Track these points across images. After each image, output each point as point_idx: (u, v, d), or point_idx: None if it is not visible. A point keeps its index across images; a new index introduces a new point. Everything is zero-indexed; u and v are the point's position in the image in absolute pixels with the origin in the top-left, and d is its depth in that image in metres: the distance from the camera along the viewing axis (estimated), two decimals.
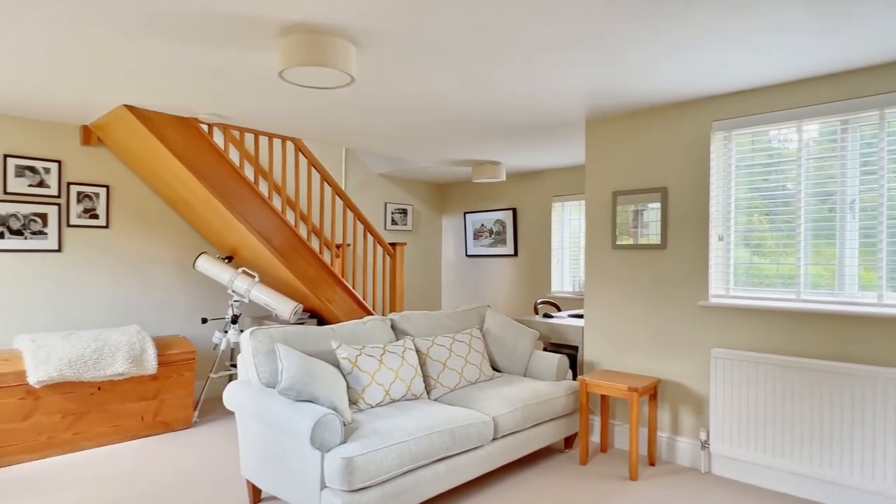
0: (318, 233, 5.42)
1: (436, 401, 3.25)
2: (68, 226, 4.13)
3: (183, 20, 2.26)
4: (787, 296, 3.08)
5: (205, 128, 4.42)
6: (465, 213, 7.05)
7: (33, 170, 3.97)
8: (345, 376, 2.96)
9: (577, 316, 4.67)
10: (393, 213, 6.77)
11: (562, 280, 6.12)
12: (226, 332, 4.38)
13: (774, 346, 3.09)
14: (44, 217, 4.01)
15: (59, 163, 4.08)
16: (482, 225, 6.87)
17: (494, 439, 3.06)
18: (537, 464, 3.46)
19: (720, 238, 3.34)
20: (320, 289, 4.56)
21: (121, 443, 3.76)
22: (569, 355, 4.26)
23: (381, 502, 2.45)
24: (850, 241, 2.88)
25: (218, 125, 4.02)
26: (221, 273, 4.29)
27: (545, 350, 4.33)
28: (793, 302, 3.06)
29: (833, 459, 2.83)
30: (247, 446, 2.82)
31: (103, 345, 3.64)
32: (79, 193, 4.17)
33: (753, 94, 3.16)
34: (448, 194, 7.36)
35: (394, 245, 5.38)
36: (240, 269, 4.33)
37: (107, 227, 4.31)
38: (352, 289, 4.82)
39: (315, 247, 5.48)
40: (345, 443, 2.43)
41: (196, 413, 4.21)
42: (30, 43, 2.52)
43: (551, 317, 4.57)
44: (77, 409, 3.57)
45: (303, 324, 4.71)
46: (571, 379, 3.80)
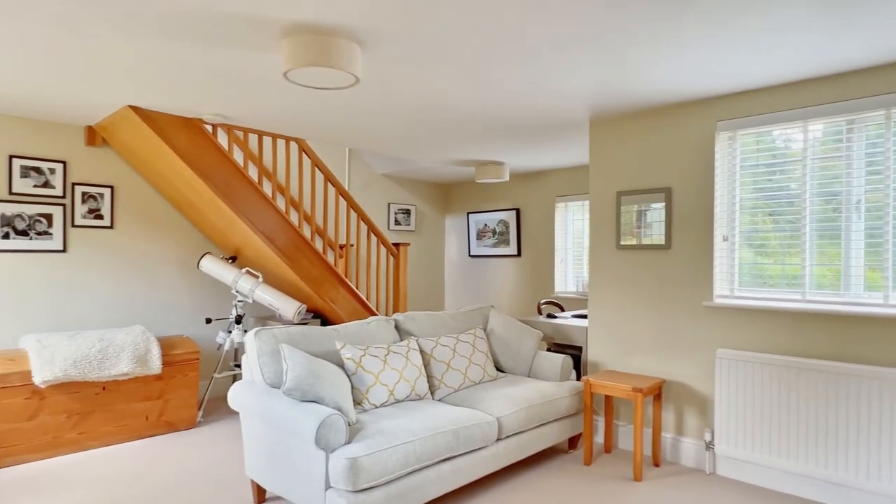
0: (321, 233, 5.43)
1: (440, 401, 3.25)
2: (73, 226, 4.14)
3: (186, 21, 2.26)
4: (793, 296, 3.07)
5: (209, 128, 4.43)
6: (468, 214, 7.05)
7: (38, 170, 3.98)
8: (349, 377, 2.96)
9: (581, 316, 4.66)
10: (396, 214, 6.77)
11: (565, 280, 6.12)
12: (230, 332, 4.39)
13: (779, 347, 3.09)
14: (49, 217, 4.03)
15: (64, 163, 4.09)
16: (485, 225, 6.87)
17: (499, 440, 3.05)
18: (541, 464, 3.45)
19: (725, 238, 3.33)
20: (324, 289, 4.56)
21: (125, 442, 3.77)
22: (572, 356, 4.26)
23: (385, 503, 2.45)
24: (855, 241, 2.87)
25: (222, 126, 4.02)
26: (225, 273, 4.30)
27: (549, 350, 4.33)
28: (798, 302, 3.05)
29: (838, 460, 2.83)
30: (251, 446, 2.82)
31: (108, 345, 3.65)
32: (83, 194, 4.18)
33: (758, 93, 3.16)
34: (451, 194, 7.36)
35: (397, 245, 5.39)
36: (244, 270, 4.33)
37: (111, 227, 4.32)
38: (355, 289, 4.82)
39: (318, 247, 5.48)
40: (349, 443, 2.43)
41: (200, 413, 4.22)
42: (30, 43, 2.52)
43: (555, 317, 4.57)
44: (82, 409, 3.58)
45: (306, 324, 4.72)
46: (575, 379, 3.79)
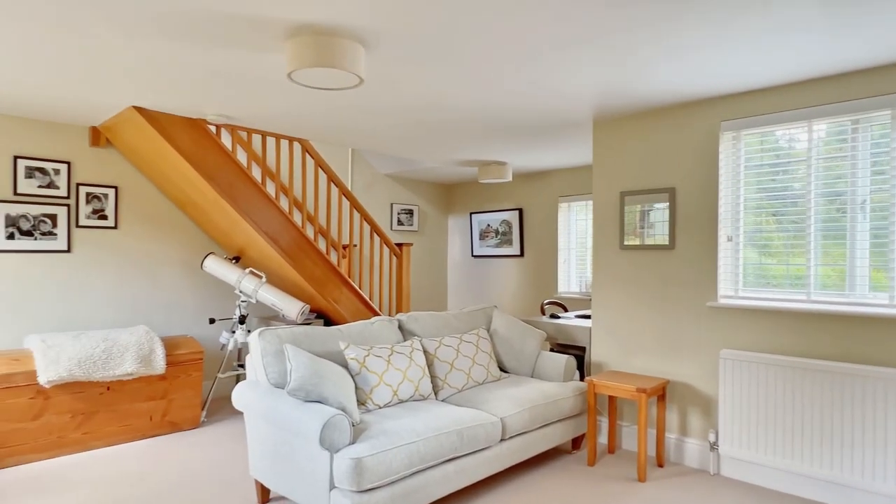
0: (324, 233, 5.43)
1: (443, 401, 3.24)
2: (77, 226, 4.15)
3: (188, 21, 2.26)
4: (798, 297, 3.06)
5: (213, 129, 4.43)
6: (471, 214, 7.04)
7: (43, 171, 4.00)
8: (353, 377, 2.96)
9: (584, 316, 4.66)
10: (399, 214, 6.77)
11: (568, 280, 6.11)
12: (233, 332, 4.39)
13: (784, 348, 3.08)
14: (53, 218, 4.04)
15: (69, 164, 4.10)
16: (488, 225, 6.87)
17: (502, 440, 3.05)
18: (545, 465, 3.45)
19: (729, 238, 3.32)
20: (327, 289, 4.56)
21: (129, 442, 3.78)
22: (576, 356, 4.25)
23: (390, 503, 2.45)
24: (860, 241, 2.87)
25: (225, 126, 4.03)
26: (229, 273, 4.31)
27: (552, 351, 4.32)
28: (803, 303, 3.04)
29: (843, 461, 2.82)
30: (255, 446, 2.82)
31: (112, 345, 3.66)
32: (88, 194, 4.19)
33: (762, 93, 3.15)
34: (454, 194, 7.35)
35: (400, 245, 5.39)
36: (247, 270, 4.34)
37: (115, 227, 4.33)
38: (358, 289, 4.83)
39: (322, 247, 5.49)
40: (354, 443, 2.43)
41: (204, 413, 4.23)
42: (29, 43, 2.52)
43: (558, 317, 4.56)
44: (86, 409, 3.59)
45: (309, 324, 4.72)
46: (579, 380, 3.79)
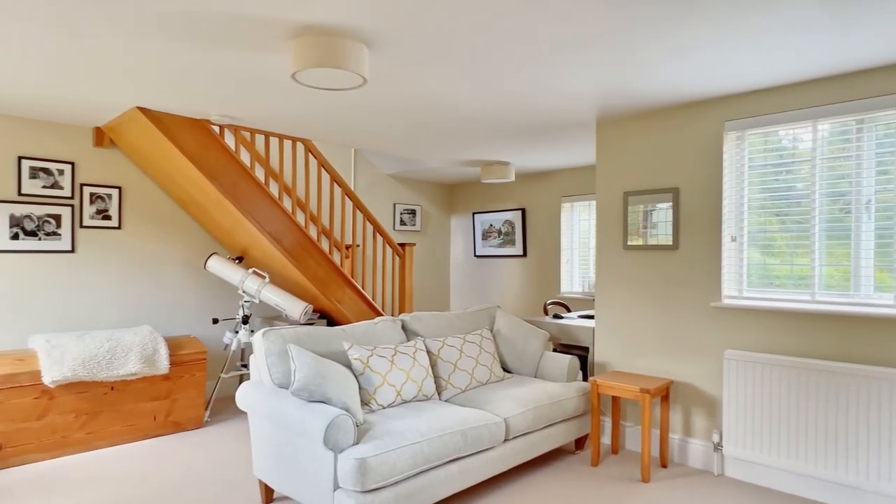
0: (327, 233, 5.43)
1: (447, 402, 3.24)
2: (81, 227, 4.16)
3: (190, 22, 2.27)
4: (802, 297, 3.06)
5: (216, 129, 4.44)
6: (473, 214, 7.04)
7: (47, 171, 4.00)
8: (356, 377, 2.96)
9: (588, 317, 4.65)
10: (402, 214, 6.77)
11: (571, 281, 6.11)
12: (236, 332, 4.40)
13: (788, 348, 3.07)
14: (57, 218, 4.05)
15: (73, 164, 4.11)
16: (491, 225, 6.86)
17: (506, 440, 3.05)
18: (548, 465, 3.45)
19: (733, 239, 3.32)
20: (330, 289, 4.57)
21: (133, 442, 3.78)
22: (579, 356, 4.24)
23: (394, 503, 2.45)
24: (865, 241, 2.86)
25: (229, 126, 4.03)
26: (232, 274, 4.31)
27: (555, 351, 4.32)
28: (807, 303, 3.04)
29: (848, 462, 2.81)
30: (259, 446, 2.83)
31: (116, 345, 3.67)
32: (92, 195, 4.20)
33: (767, 93, 3.14)
34: (457, 195, 7.35)
35: (403, 245, 5.39)
36: (250, 270, 4.34)
37: (119, 227, 4.34)
38: (361, 289, 4.83)
39: (325, 247, 5.49)
40: (358, 444, 2.43)
41: (207, 413, 4.24)
42: (29, 43, 2.52)
43: (561, 317, 4.56)
44: (90, 409, 3.60)
45: (312, 324, 4.72)
46: (582, 380, 3.79)
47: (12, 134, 3.89)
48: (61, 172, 4.06)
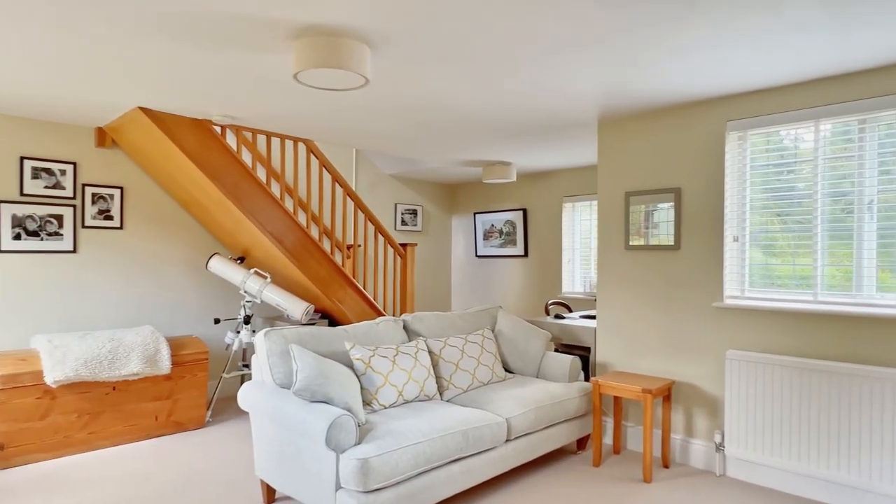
0: (329, 234, 5.44)
1: (448, 402, 3.24)
2: (83, 227, 4.17)
3: (191, 22, 2.27)
4: (804, 297, 3.05)
5: (218, 129, 4.45)
6: (475, 214, 7.04)
7: (49, 171, 4.01)
8: (358, 377, 2.96)
9: (589, 317, 4.65)
10: (403, 214, 6.77)
11: (573, 281, 6.10)
12: (238, 332, 4.40)
13: (791, 348, 3.07)
14: (59, 218, 4.06)
15: (75, 164, 4.12)
16: (492, 225, 6.86)
17: (508, 441, 3.05)
18: (550, 465, 3.45)
19: (735, 239, 3.32)
20: (331, 289, 4.57)
21: (135, 442, 3.79)
22: (580, 356, 4.24)
23: (396, 503, 2.45)
24: (867, 241, 2.85)
25: (230, 127, 4.04)
26: (234, 274, 4.32)
27: (556, 351, 4.32)
28: (810, 303, 3.03)
29: (850, 463, 2.81)
30: (261, 446, 2.83)
31: (118, 345, 3.67)
32: (93, 195, 4.21)
33: (769, 93, 3.14)
34: (458, 195, 7.35)
35: (404, 246, 5.39)
36: (252, 270, 4.35)
37: (121, 228, 4.35)
38: (362, 289, 4.83)
39: (326, 248, 5.50)
40: (360, 444, 2.43)
41: (209, 413, 4.24)
42: (29, 42, 2.52)
43: (563, 318, 4.56)
44: (92, 409, 3.60)
45: (314, 324, 4.73)
46: (584, 380, 3.78)
47: (14, 134, 3.90)
48: (63, 173, 4.07)
